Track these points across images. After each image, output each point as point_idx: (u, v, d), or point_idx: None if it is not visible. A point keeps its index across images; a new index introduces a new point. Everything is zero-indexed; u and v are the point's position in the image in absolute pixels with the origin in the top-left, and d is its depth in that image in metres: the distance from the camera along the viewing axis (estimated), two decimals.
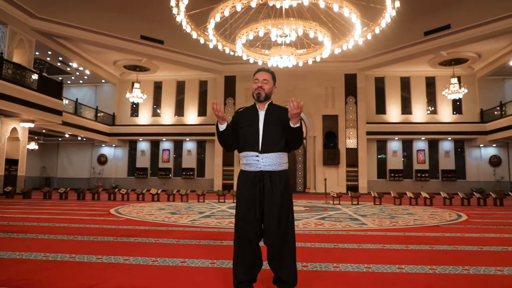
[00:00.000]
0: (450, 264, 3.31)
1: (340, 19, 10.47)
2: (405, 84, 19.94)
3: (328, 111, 18.84)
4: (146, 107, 21.06)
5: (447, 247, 4.18)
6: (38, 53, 15.96)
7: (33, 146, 18.82)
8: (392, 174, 19.37)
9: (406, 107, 19.79)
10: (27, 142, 15.70)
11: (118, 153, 21.39)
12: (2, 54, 12.50)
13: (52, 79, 15.51)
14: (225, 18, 9.66)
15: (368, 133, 18.67)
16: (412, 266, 3.22)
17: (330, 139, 18.69)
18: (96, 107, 19.88)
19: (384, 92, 19.88)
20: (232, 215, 7.38)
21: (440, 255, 3.79)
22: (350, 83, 18.83)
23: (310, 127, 18.93)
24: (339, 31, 11.26)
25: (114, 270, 3.04)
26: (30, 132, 15.99)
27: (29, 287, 2.56)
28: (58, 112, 14.85)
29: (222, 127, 2.35)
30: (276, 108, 2.43)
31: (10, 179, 14.08)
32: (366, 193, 16.94)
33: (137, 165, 21.07)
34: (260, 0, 8.79)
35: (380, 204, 10.89)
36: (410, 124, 19.11)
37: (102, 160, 21.17)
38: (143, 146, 21.25)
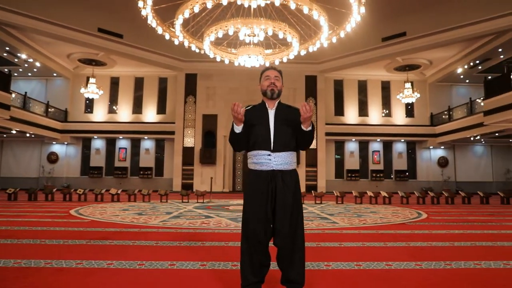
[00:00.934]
0: (431, 260, 3.46)
1: (305, 19, 10.63)
2: (362, 87, 20.68)
3: None
4: (101, 103, 20.07)
5: (421, 243, 4.38)
6: None
7: None
8: (349, 174, 20.02)
9: (363, 109, 20.54)
10: None
11: (70, 151, 20.21)
12: None
13: None
14: (191, 15, 9.44)
15: (327, 134, 19.14)
16: (399, 262, 3.33)
17: None
18: (47, 102, 18.63)
19: (343, 94, 20.48)
20: (201, 216, 7.26)
21: (418, 251, 3.95)
22: (311, 85, 19.20)
23: None
24: (305, 32, 11.44)
25: (100, 275, 2.85)
26: None
27: None
28: (6, 107, 13.74)
29: (238, 129, 2.31)
30: (285, 107, 2.44)
31: None
32: (325, 192, 17.33)
33: (91, 164, 20.02)
34: None
35: (342, 203, 11.21)
36: (367, 126, 19.84)
37: (53, 159, 19.88)
38: (98, 144, 20.25)
